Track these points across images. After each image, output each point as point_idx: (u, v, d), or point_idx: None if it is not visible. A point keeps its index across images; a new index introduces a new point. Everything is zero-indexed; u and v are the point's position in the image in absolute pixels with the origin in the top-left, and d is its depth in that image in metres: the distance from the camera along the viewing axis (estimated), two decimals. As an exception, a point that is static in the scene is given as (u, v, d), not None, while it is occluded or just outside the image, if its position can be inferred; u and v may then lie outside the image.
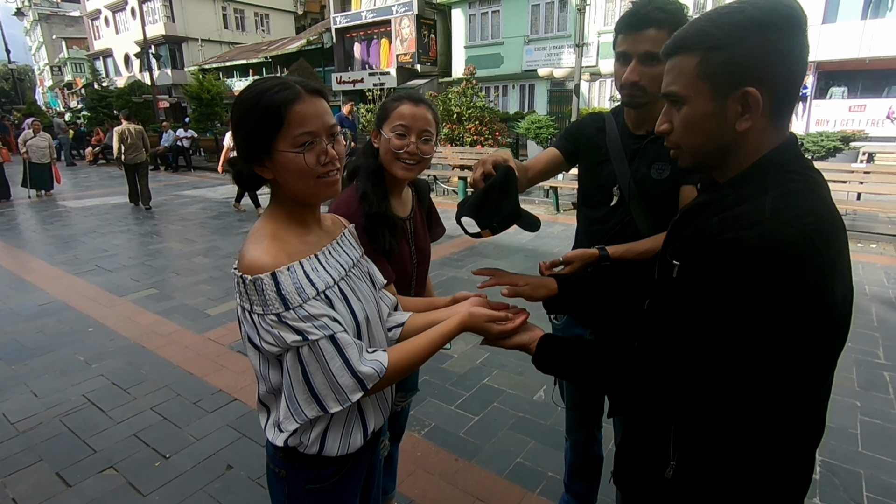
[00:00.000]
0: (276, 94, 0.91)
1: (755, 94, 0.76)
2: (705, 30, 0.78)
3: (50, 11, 49.51)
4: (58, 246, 6.60)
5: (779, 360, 0.74)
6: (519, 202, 1.21)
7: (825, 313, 0.73)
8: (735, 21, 0.75)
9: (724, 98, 0.78)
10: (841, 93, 13.92)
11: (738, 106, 0.78)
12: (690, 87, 0.80)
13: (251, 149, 0.94)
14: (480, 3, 19.09)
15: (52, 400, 2.92)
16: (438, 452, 2.41)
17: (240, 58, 27.76)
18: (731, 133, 0.80)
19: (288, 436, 0.98)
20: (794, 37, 0.75)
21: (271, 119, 0.91)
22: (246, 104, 0.93)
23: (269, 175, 0.96)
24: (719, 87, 0.78)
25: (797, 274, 0.69)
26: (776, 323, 0.71)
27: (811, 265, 0.69)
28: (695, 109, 0.81)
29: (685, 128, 0.84)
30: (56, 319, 4.11)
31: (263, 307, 0.89)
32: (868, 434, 2.49)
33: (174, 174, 14.97)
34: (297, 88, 0.93)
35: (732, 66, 0.76)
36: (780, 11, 0.74)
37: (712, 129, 0.81)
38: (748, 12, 0.75)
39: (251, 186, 1.01)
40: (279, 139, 0.92)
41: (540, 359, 1.01)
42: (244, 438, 2.54)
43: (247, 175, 0.98)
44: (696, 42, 0.79)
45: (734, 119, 0.79)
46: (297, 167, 0.93)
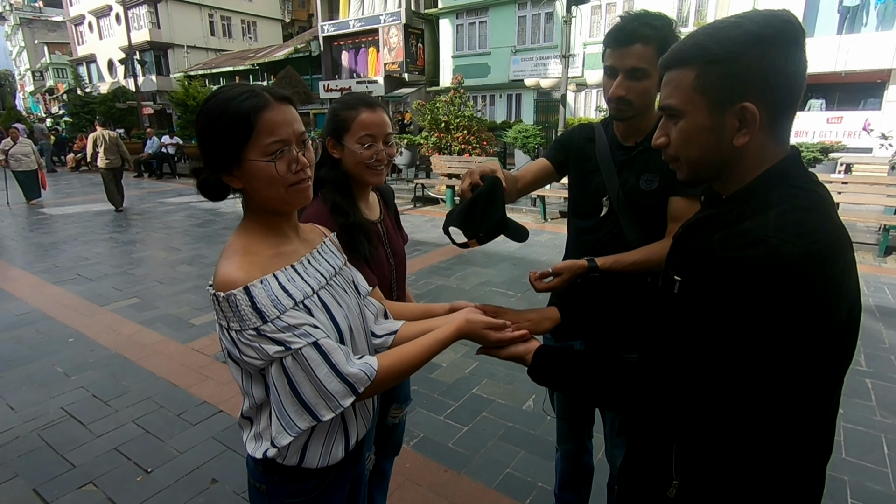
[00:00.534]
0: (244, 102, 0.89)
1: (752, 109, 0.75)
2: (703, 44, 0.77)
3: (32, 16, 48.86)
4: (37, 254, 6.45)
5: (782, 378, 0.73)
6: (505, 212, 1.21)
7: (830, 331, 0.72)
8: (733, 36, 0.75)
9: (721, 113, 0.78)
10: (819, 105, 14.26)
11: (736, 121, 0.77)
12: (688, 100, 0.80)
13: (219, 158, 0.92)
14: (468, 14, 19.27)
15: (29, 413, 2.83)
16: (427, 464, 2.39)
17: (226, 65, 27.60)
18: (729, 147, 0.79)
19: (266, 448, 0.96)
20: (791, 52, 0.74)
21: (240, 127, 0.89)
22: (213, 112, 0.90)
23: (238, 184, 0.94)
24: (717, 102, 0.78)
25: (801, 293, 0.68)
26: (779, 341, 0.70)
27: (815, 284, 0.69)
28: (692, 123, 0.81)
29: (682, 141, 0.83)
30: (34, 330, 4.00)
31: (240, 323, 0.88)
32: (852, 441, 2.53)
33: (158, 181, 14.78)
34: (266, 96, 0.91)
35: (730, 80, 0.76)
36: (778, 26, 0.74)
37: (710, 143, 0.81)
38: (746, 27, 0.75)
39: (217, 196, 0.98)
40: (249, 148, 0.90)
41: (536, 371, 1.00)
42: (229, 451, 2.49)
43: (212, 184, 0.96)
44: (694, 56, 0.78)
45: (731, 134, 0.78)
46: (267, 176, 0.92)
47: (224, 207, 9.43)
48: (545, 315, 1.21)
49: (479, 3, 18.50)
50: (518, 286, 4.95)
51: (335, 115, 1.38)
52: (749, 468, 0.80)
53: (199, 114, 0.93)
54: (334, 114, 1.39)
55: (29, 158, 9.98)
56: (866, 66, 12.54)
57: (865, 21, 13.23)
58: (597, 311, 1.22)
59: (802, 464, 0.81)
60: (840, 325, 0.73)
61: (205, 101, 0.93)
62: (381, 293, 1.37)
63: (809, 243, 0.69)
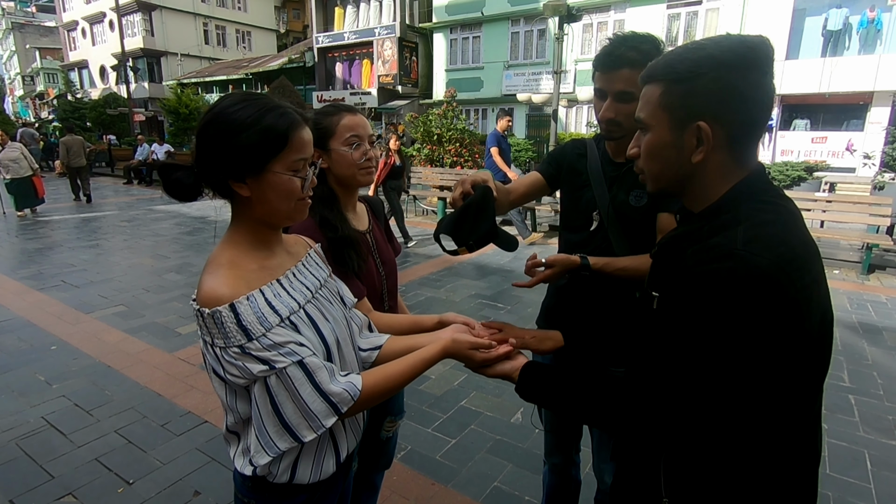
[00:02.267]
0: (281, 118, 0.91)
1: (706, 129, 0.79)
2: (670, 63, 0.81)
3: (24, 21, 48.61)
4: (21, 260, 6.35)
5: (760, 387, 0.74)
6: (496, 222, 1.23)
7: (803, 338, 0.74)
8: (696, 58, 0.79)
9: (681, 130, 0.81)
10: (804, 125, 14.58)
11: (693, 139, 0.81)
12: (653, 115, 0.84)
13: (239, 164, 0.91)
14: (462, 29, 19.51)
15: (7, 422, 2.77)
16: (415, 477, 2.37)
17: (220, 73, 27.63)
18: (688, 164, 0.83)
19: (257, 467, 0.95)
20: (752, 77, 0.77)
21: (275, 140, 0.91)
22: (244, 119, 0.90)
23: (245, 192, 0.93)
24: (677, 119, 0.81)
25: (772, 303, 0.71)
26: (754, 351, 0.72)
27: (786, 294, 0.71)
28: (656, 137, 0.85)
29: (647, 154, 0.87)
30: (16, 337, 3.93)
31: (225, 340, 0.87)
32: (835, 457, 2.55)
33: (148, 188, 14.66)
34: (297, 115, 0.94)
35: (689, 99, 0.79)
36: (740, 52, 0.77)
37: (670, 158, 0.84)
38: (708, 50, 0.78)
39: (187, 197, 0.96)
40: (277, 160, 0.92)
41: (523, 388, 1.01)
42: (213, 463, 2.45)
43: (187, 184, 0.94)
44: (662, 74, 0.82)
45: (690, 151, 0.82)
46: (287, 189, 0.94)
47: (213, 215, 9.35)
48: (548, 336, 1.22)
49: (473, 19, 18.75)
50: (507, 298, 4.96)
51: (317, 125, 1.37)
52: (737, 480, 0.81)
53: (216, 121, 0.91)
54: (316, 124, 1.38)
55: (18, 164, 9.01)
56: (849, 89, 12.87)
57: (848, 45, 13.61)
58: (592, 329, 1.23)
59: (790, 472, 0.82)
60: (813, 333, 0.76)
61: (228, 108, 0.92)
62: (368, 305, 1.37)
63: (777, 255, 0.72)
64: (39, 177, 9.40)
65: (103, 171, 18.41)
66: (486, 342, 1.07)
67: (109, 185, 15.24)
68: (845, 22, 13.17)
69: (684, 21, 15.14)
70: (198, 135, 0.94)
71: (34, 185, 9.25)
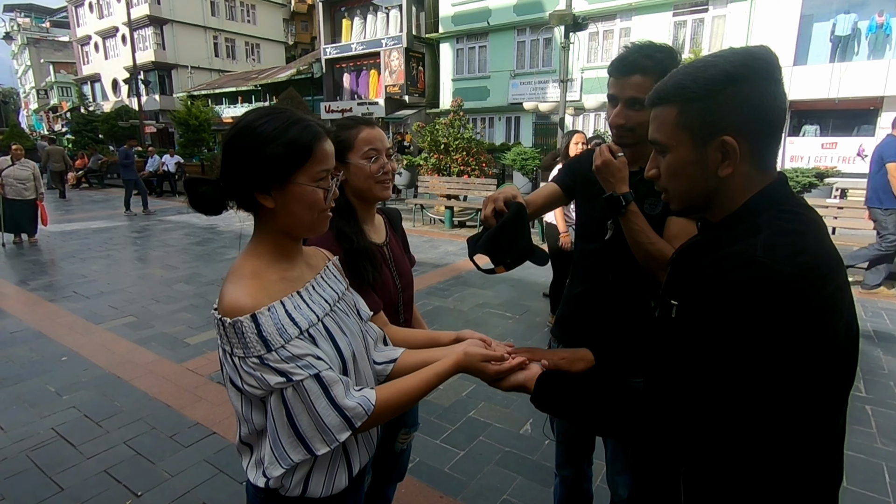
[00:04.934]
0: (305, 130, 0.93)
1: (732, 142, 0.79)
2: (682, 83, 0.82)
3: (39, 36, 49.71)
4: (34, 271, 6.43)
5: (781, 398, 0.73)
6: (531, 238, 1.22)
7: (827, 348, 0.73)
8: (709, 75, 0.79)
9: (703, 146, 0.81)
10: (814, 131, 14.48)
11: (718, 153, 0.81)
12: (672, 136, 0.84)
13: (264, 175, 0.93)
14: (468, 39, 19.65)
15: (18, 433, 2.79)
16: (423, 489, 2.35)
17: (229, 85, 28.00)
18: (715, 178, 0.82)
19: (270, 479, 0.94)
20: (766, 87, 0.78)
21: (300, 152, 0.93)
22: (269, 134, 0.92)
23: (270, 203, 0.95)
24: (699, 137, 0.81)
25: (794, 312, 0.69)
26: (775, 360, 0.71)
27: (808, 303, 0.70)
28: (678, 157, 0.84)
29: (670, 174, 0.87)
30: (28, 348, 3.97)
31: (244, 350, 0.87)
32: (853, 469, 2.49)
33: (158, 199, 14.82)
34: (320, 128, 0.96)
35: (709, 116, 0.79)
36: (751, 65, 0.78)
37: (696, 175, 0.84)
38: (721, 66, 0.79)
39: (213, 210, 0.98)
40: (302, 172, 0.93)
41: (539, 398, 1.00)
42: (221, 475, 2.44)
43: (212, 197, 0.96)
44: (675, 95, 0.83)
45: (715, 165, 0.81)
46: (311, 200, 0.95)
47: (222, 226, 9.46)
48: (579, 356, 1.21)
49: (479, 29, 18.89)
50: (516, 307, 4.93)
51: (336, 138, 1.38)
52: (757, 495, 0.79)
53: (243, 134, 0.93)
54: (335, 137, 1.40)
55: (24, 185, 7.70)
56: (859, 94, 12.79)
57: (857, 50, 13.54)
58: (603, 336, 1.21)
59: (812, 489, 0.80)
60: (838, 343, 0.74)
61: (254, 121, 0.94)
62: (384, 318, 1.37)
63: (799, 264, 0.71)
64: (42, 203, 8.14)
65: (115, 183, 18.63)
66: (498, 355, 1.06)
67: (121, 197, 15.37)
68: (854, 27, 13.11)
69: (690, 28, 15.15)
70: (224, 148, 0.96)
71: (37, 211, 8.00)
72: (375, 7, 21.54)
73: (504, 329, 4.33)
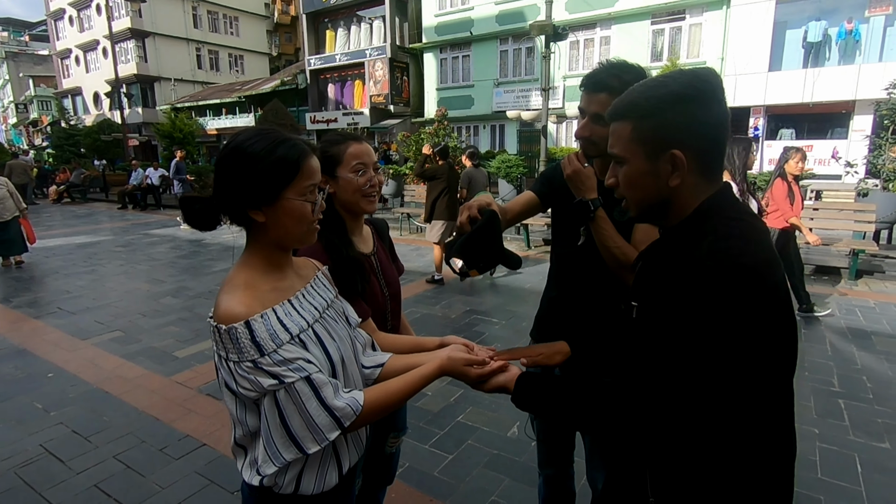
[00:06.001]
0: (292, 149, 1.00)
1: (680, 156, 0.87)
2: (636, 102, 0.90)
3: (18, 50, 49.02)
4: (17, 288, 6.36)
5: (732, 386, 0.81)
6: (503, 244, 1.30)
7: (767, 339, 0.81)
8: (659, 95, 0.88)
9: (655, 159, 0.90)
10: (789, 134, 14.85)
11: (668, 165, 0.89)
12: (628, 149, 0.92)
13: (255, 192, 0.98)
14: (451, 48, 19.85)
15: (6, 451, 2.78)
16: (412, 493, 2.39)
17: (213, 97, 27.87)
18: (666, 188, 0.91)
19: (264, 477, 1.00)
20: (710, 106, 0.87)
21: (288, 169, 0.99)
22: (259, 152, 0.98)
23: (261, 218, 1.01)
24: (651, 150, 0.90)
25: (735, 306, 0.78)
26: (723, 351, 0.79)
27: (748, 298, 0.78)
28: (633, 168, 0.93)
29: (627, 184, 0.95)
30: (12, 366, 3.94)
31: (239, 355, 0.93)
32: (826, 461, 2.59)
33: (142, 213, 14.70)
34: (306, 146, 1.02)
35: (659, 132, 0.88)
36: (697, 86, 0.87)
37: (649, 185, 0.92)
38: (671, 87, 0.87)
39: (207, 226, 1.04)
40: (290, 188, 1.00)
41: (519, 397, 1.06)
42: (213, 485, 2.47)
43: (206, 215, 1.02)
44: (629, 112, 0.91)
45: (666, 176, 0.90)
46: (300, 214, 1.01)
47: (208, 238, 9.41)
48: (556, 349, 1.28)
49: (462, 39, 19.10)
50: (502, 313, 5.01)
51: (325, 153, 1.43)
52: (718, 477, 0.87)
53: (233, 154, 0.99)
54: (323, 152, 1.44)
55: (2, 205, 7.14)
56: (831, 98, 13.16)
57: (829, 56, 13.96)
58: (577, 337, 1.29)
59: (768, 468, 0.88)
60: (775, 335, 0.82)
61: (243, 142, 0.99)
62: (373, 325, 1.42)
63: (739, 265, 0.79)
64: (27, 219, 7.56)
65: (97, 197, 18.44)
66: (479, 359, 1.12)
67: (104, 211, 15.27)
68: (824, 34, 13.51)
69: (668, 36, 15.49)
70: (216, 167, 1.02)
71: (20, 230, 7.41)
72: (359, 18, 21.70)
73: (491, 334, 4.39)
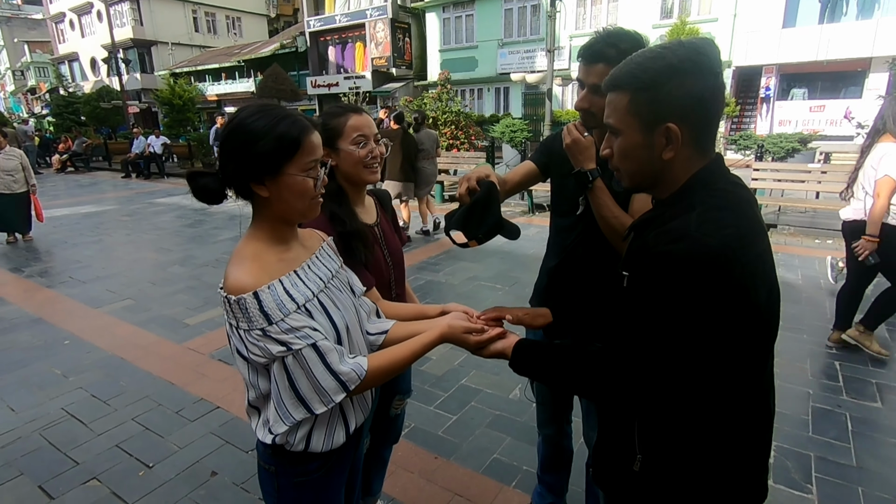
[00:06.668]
0: (293, 125, 1.02)
1: (675, 129, 0.88)
2: (633, 73, 0.90)
3: (10, 14, 47.87)
4: (27, 258, 6.46)
5: (715, 353, 0.85)
6: (501, 214, 1.32)
7: (750, 310, 0.84)
8: (657, 67, 0.88)
9: (650, 131, 0.91)
10: (802, 94, 14.51)
11: (663, 139, 0.90)
12: (623, 121, 0.93)
13: (258, 168, 1.01)
14: (454, 7, 19.25)
15: (29, 414, 2.91)
16: (418, 452, 2.50)
17: (212, 62, 27.37)
18: (660, 161, 0.92)
19: (276, 435, 1.06)
20: (707, 80, 0.87)
21: (289, 146, 1.01)
22: (260, 128, 1.00)
23: (265, 193, 1.04)
24: (646, 122, 0.90)
25: (720, 278, 0.81)
26: (707, 321, 0.82)
27: (732, 269, 0.81)
28: (628, 140, 0.94)
29: (621, 155, 0.96)
30: (29, 334, 4.06)
31: (248, 323, 0.98)
32: (818, 419, 2.68)
33: (146, 181, 14.71)
34: (307, 122, 1.04)
35: (656, 105, 0.89)
36: (695, 59, 0.87)
37: (643, 157, 0.94)
38: (668, 59, 0.87)
39: (214, 200, 1.06)
40: (292, 163, 1.02)
41: (516, 363, 1.11)
42: (228, 445, 2.59)
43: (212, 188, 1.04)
44: (626, 83, 0.91)
45: (660, 149, 0.91)
46: (302, 189, 1.04)
47: (214, 208, 9.44)
48: (539, 313, 1.34)
49: (465, -3, 18.51)
50: (505, 279, 5.07)
51: (325, 126, 1.45)
52: (698, 436, 0.92)
53: (236, 131, 1.01)
54: (324, 125, 1.46)
55: (12, 177, 6.82)
56: (847, 55, 12.77)
57: (846, 10, 13.46)
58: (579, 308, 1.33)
59: (745, 428, 0.93)
60: (760, 304, 0.85)
61: (245, 118, 1.02)
62: (377, 293, 1.47)
63: (725, 236, 0.82)
64: (35, 195, 7.25)
65: (101, 166, 18.42)
66: (479, 326, 1.18)
67: (108, 180, 15.28)
68: (843, -13, 13.01)
69: (679, -7, 14.94)
70: (221, 144, 1.05)
71: (29, 205, 7.14)
72: (359, -24, 21.02)
73: (494, 301, 4.46)
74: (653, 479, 0.97)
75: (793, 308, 4.16)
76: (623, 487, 1.03)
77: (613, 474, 1.06)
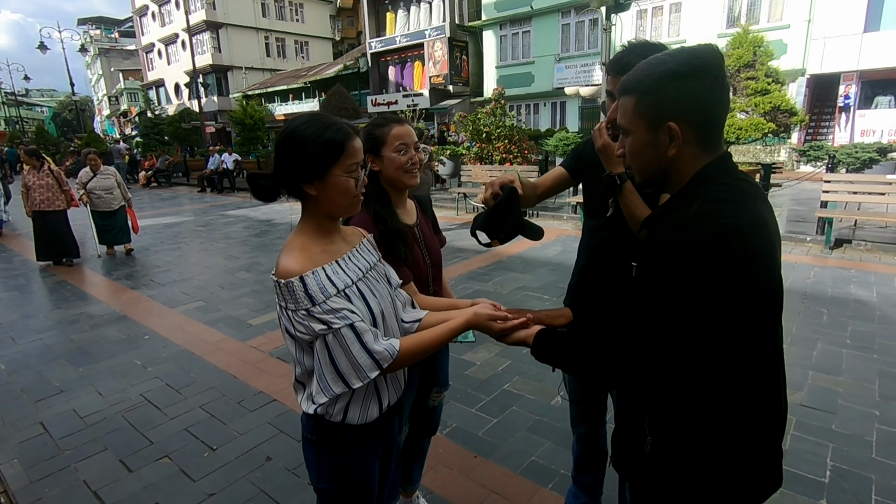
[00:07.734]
0: (338, 132, 1.17)
1: (676, 128, 0.95)
2: (639, 78, 0.99)
3: (109, 46, 53.37)
4: (115, 263, 7.16)
5: (715, 338, 0.89)
6: (521, 216, 1.42)
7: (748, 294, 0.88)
8: (659, 72, 0.96)
9: (655, 131, 0.98)
10: (887, 102, 13.45)
11: (666, 137, 0.97)
12: (631, 122, 1.01)
13: (308, 170, 1.17)
14: (511, 24, 19.51)
15: (115, 398, 3.26)
16: (458, 450, 2.58)
17: (281, 84, 29.13)
18: (665, 158, 0.99)
19: (318, 406, 1.20)
20: (705, 81, 0.94)
21: (335, 150, 1.16)
22: (310, 136, 1.15)
23: (313, 192, 1.19)
24: (651, 123, 0.98)
25: (717, 263, 0.86)
26: (706, 305, 0.87)
27: (727, 256, 0.86)
28: (636, 139, 1.02)
29: (631, 153, 1.04)
30: (116, 329, 4.52)
31: (295, 304, 1.13)
32: (883, 442, 2.51)
33: (219, 195, 15.80)
34: (350, 129, 1.19)
35: (659, 106, 0.96)
36: (693, 63, 0.94)
37: (651, 155, 1.01)
38: (668, 65, 0.95)
39: (269, 198, 1.22)
40: (337, 165, 1.17)
41: (537, 350, 1.19)
42: (282, 434, 2.79)
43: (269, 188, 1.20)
44: (633, 87, 1.00)
45: (665, 147, 0.98)
46: (346, 188, 1.19)
47: (278, 219, 10.07)
48: (560, 313, 1.41)
49: (523, 14, 18.71)
50: (553, 290, 5.07)
51: (370, 135, 1.63)
52: (703, 419, 0.96)
53: (289, 137, 1.17)
54: (369, 134, 1.64)
55: (111, 195, 7.39)
56: (938, 59, 11.77)
57: (936, 11, 12.44)
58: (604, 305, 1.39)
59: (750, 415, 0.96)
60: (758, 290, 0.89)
61: (296, 128, 1.17)
62: (414, 288, 1.60)
63: (721, 225, 0.87)
64: (132, 208, 7.78)
65: (180, 181, 19.98)
66: (502, 314, 1.27)
67: (186, 194, 16.55)
68: (932, -14, 12.05)
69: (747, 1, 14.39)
70: (276, 149, 1.21)
71: (126, 219, 7.69)
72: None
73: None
74: (663, 460, 1.01)
75: (863, 326, 3.89)
76: (636, 469, 1.07)
77: (627, 456, 1.11)
